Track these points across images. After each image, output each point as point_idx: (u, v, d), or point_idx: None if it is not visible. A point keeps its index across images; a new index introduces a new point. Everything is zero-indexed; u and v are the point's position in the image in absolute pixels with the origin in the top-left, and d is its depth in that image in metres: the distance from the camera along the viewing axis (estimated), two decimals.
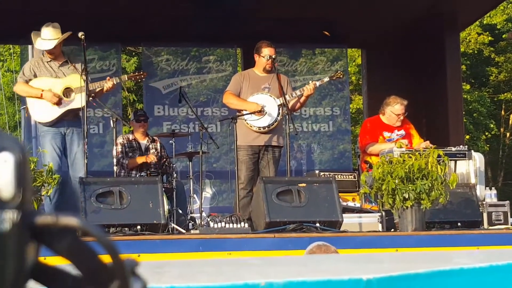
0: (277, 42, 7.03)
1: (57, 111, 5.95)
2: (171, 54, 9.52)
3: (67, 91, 5.98)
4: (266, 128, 6.19)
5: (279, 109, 6.19)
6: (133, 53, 17.29)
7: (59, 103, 5.92)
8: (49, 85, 5.98)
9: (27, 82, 6.01)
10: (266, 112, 6.18)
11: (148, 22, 9.00)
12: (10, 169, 0.55)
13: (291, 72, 9.54)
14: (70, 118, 6.02)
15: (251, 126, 6.18)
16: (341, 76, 6.63)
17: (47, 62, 6.03)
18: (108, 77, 6.16)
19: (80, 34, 5.83)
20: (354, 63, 17.81)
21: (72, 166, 5.98)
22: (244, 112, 6.18)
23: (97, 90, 6.05)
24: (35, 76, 6.01)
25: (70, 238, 0.56)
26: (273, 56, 6.28)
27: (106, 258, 0.58)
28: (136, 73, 6.76)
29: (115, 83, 6.12)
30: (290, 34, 9.25)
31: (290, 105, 6.20)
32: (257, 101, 6.20)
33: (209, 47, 9.66)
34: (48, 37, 5.93)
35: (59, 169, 5.80)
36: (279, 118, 6.20)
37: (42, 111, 5.96)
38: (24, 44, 9.29)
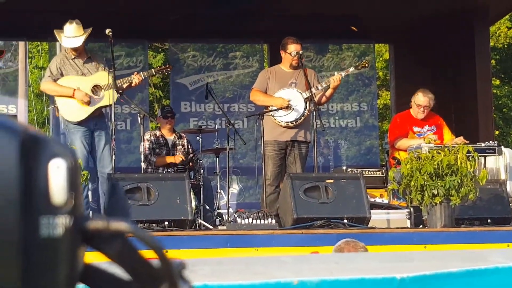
0: (304, 37, 7.00)
1: (88, 110, 5.96)
2: (197, 50, 9.54)
3: (96, 89, 6.00)
4: (294, 123, 6.16)
5: (306, 104, 6.17)
6: (160, 50, 17.34)
7: (89, 102, 5.95)
8: (77, 83, 5.98)
9: (55, 81, 6.02)
10: (293, 107, 6.16)
11: (174, 19, 9.02)
12: (63, 175, 0.56)
13: (318, 67, 9.50)
14: (97, 115, 6.05)
15: (279, 122, 6.17)
16: (366, 65, 6.57)
17: (72, 59, 6.03)
18: (135, 72, 6.19)
19: (107, 30, 5.84)
20: (381, 58, 17.66)
21: (99, 162, 6.00)
22: (271, 108, 6.17)
23: (125, 86, 6.08)
24: (62, 74, 6.01)
25: (120, 243, 0.57)
26: (300, 52, 6.26)
27: (152, 256, 0.58)
28: (163, 67, 6.79)
29: (142, 78, 6.15)
30: (316, 29, 9.20)
31: (316, 99, 6.17)
32: (283, 96, 6.18)
33: (235, 43, 9.65)
34: (72, 34, 5.93)
35: (87, 166, 5.84)
36: (306, 112, 6.17)
37: (72, 110, 5.97)
38: (52, 41, 9.36)
